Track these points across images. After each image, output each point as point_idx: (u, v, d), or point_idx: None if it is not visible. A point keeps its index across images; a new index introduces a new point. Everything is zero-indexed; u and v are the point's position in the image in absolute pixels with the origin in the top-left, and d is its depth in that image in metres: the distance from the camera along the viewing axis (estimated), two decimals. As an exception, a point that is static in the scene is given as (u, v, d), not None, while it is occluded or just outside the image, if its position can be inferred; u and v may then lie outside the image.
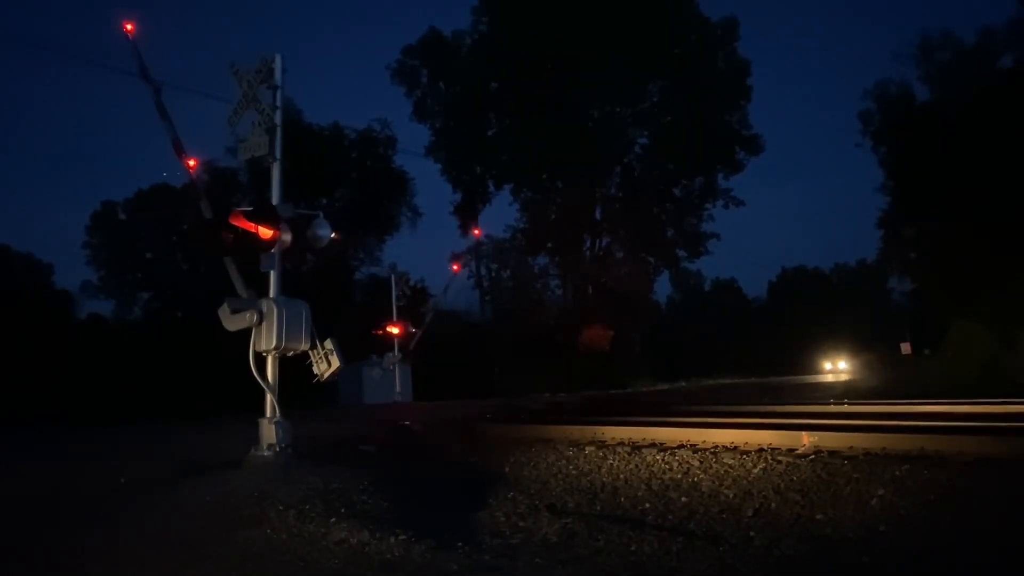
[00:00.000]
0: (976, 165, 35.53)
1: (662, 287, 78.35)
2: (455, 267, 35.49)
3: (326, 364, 8.86)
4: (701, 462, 7.66)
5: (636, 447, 8.75)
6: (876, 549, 5.19)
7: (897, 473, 6.21)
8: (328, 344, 8.88)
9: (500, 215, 79.59)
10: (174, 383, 30.11)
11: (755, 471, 7.11)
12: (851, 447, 7.37)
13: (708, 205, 49.12)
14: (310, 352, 8.90)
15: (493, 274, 51.65)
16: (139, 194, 48.18)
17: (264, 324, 8.67)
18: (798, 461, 7.05)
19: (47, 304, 37.65)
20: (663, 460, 7.99)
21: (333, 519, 6.15)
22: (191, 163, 11.30)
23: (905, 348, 46.87)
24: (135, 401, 27.16)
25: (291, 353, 8.89)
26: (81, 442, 12.54)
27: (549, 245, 48.90)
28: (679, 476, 7.52)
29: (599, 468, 8.29)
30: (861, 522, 5.70)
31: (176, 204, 43.22)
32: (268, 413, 8.79)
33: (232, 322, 8.82)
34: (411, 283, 40.35)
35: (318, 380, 8.97)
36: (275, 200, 9.18)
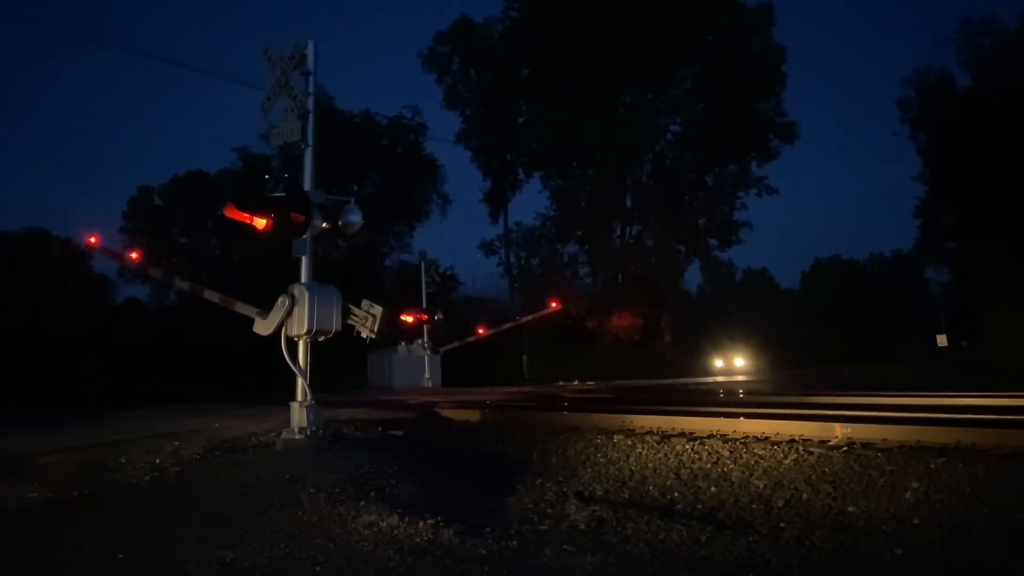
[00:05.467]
0: (1018, 153, 34.71)
1: (692, 276, 77.79)
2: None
3: (371, 319, 8.87)
4: (731, 452, 7.59)
5: (665, 436, 8.69)
6: (910, 542, 5.12)
7: (932, 466, 6.11)
8: (364, 304, 8.95)
9: (530, 203, 79.62)
10: (208, 367, 30.61)
11: (786, 462, 7.04)
12: (885, 439, 7.25)
13: (741, 193, 48.64)
14: (351, 319, 8.95)
15: (522, 262, 51.69)
16: (175, 179, 48.89)
17: (296, 309, 8.76)
18: (830, 452, 6.97)
19: (85, 288, 38.38)
20: (692, 449, 7.94)
21: (363, 502, 6.21)
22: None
23: (941, 340, 46.06)
24: (170, 384, 27.65)
25: (322, 338, 8.97)
26: (118, 424, 12.78)
27: (579, 233, 48.77)
28: (708, 466, 7.47)
29: (628, 456, 8.26)
30: (894, 515, 5.62)
31: (211, 190, 43.85)
32: (299, 397, 8.89)
33: (266, 325, 8.97)
34: (440, 270, 40.49)
35: (371, 339, 9.01)
36: (307, 186, 9.25)
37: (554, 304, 33.49)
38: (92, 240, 12.75)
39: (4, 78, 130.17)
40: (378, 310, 8.86)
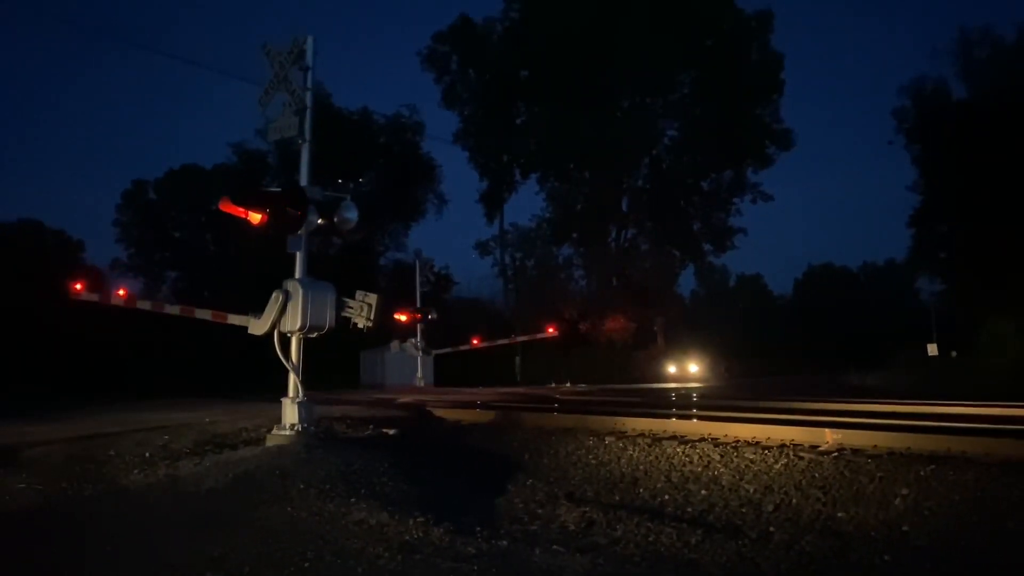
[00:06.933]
0: (1013, 164, 34.88)
1: (686, 281, 77.81)
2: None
3: (366, 307, 8.86)
4: (722, 456, 7.61)
5: (656, 439, 8.71)
6: (899, 548, 5.14)
7: (922, 473, 6.14)
8: (358, 295, 8.95)
9: (527, 204, 79.51)
10: (200, 361, 30.52)
11: (776, 466, 7.06)
12: (875, 445, 7.28)
13: (736, 199, 48.74)
14: (347, 311, 8.93)
15: (517, 263, 51.67)
16: (170, 174, 48.76)
17: (290, 305, 8.73)
18: (821, 458, 6.99)
19: (78, 280, 38.20)
20: (683, 453, 7.96)
21: (353, 499, 6.20)
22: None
23: (931, 349, 46.11)
24: (162, 378, 27.56)
25: (315, 334, 8.94)
26: (108, 417, 12.74)
27: (574, 235, 48.77)
28: (699, 469, 7.49)
29: (619, 458, 8.28)
30: (884, 521, 5.64)
31: (206, 185, 43.71)
32: (291, 393, 8.86)
33: (260, 324, 8.93)
34: (435, 269, 40.50)
35: (368, 328, 8.98)
36: (303, 182, 9.22)
37: (551, 329, 33.48)
38: (78, 287, 13.48)
39: None
40: (373, 298, 8.86)
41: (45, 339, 29.87)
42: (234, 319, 10.01)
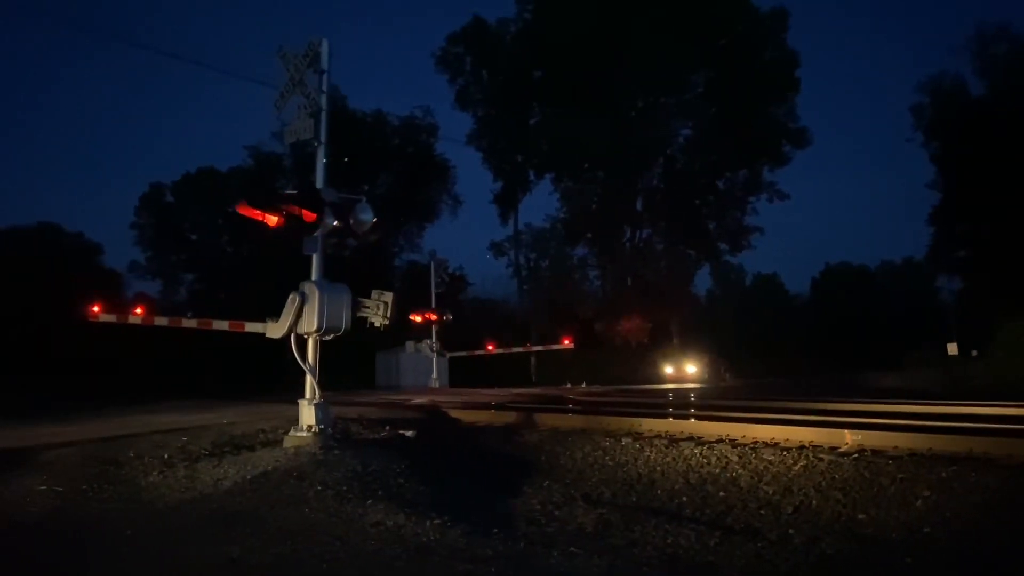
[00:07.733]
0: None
1: (702, 280, 77.40)
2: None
3: (383, 306, 8.90)
4: (740, 457, 7.56)
5: (673, 440, 8.67)
6: (920, 551, 5.07)
7: (943, 475, 6.07)
8: (374, 294, 8.98)
9: (541, 204, 79.39)
10: (217, 363, 30.71)
11: (796, 468, 7.00)
12: (896, 447, 7.21)
13: (752, 198, 48.46)
14: (363, 310, 8.96)
15: (532, 263, 51.64)
16: (186, 177, 49.14)
17: (307, 307, 8.75)
18: (840, 459, 6.93)
19: (97, 283, 38.61)
20: (701, 454, 7.92)
21: (370, 501, 6.20)
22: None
23: (951, 348, 45.62)
24: (179, 379, 27.74)
25: (332, 336, 8.95)
26: (126, 419, 12.82)
27: (589, 236, 48.66)
28: (717, 471, 7.44)
29: (635, 460, 8.24)
30: (905, 523, 5.58)
31: (222, 187, 44.02)
32: (308, 395, 8.88)
33: (277, 327, 8.96)
34: (450, 270, 40.52)
35: (385, 326, 9.01)
36: (319, 184, 9.24)
37: (566, 341, 33.43)
38: (96, 308, 13.91)
39: (19, 74, 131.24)
40: (389, 296, 8.89)
41: (63, 341, 30.16)
42: (251, 327, 10.05)
